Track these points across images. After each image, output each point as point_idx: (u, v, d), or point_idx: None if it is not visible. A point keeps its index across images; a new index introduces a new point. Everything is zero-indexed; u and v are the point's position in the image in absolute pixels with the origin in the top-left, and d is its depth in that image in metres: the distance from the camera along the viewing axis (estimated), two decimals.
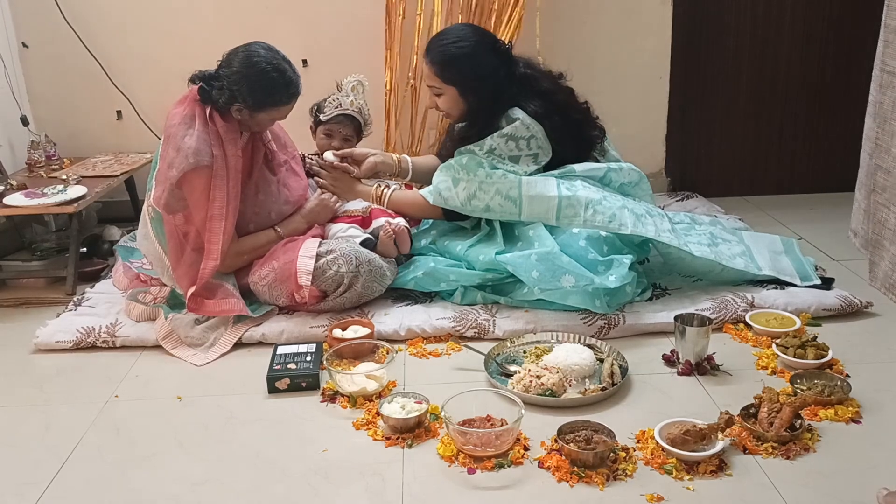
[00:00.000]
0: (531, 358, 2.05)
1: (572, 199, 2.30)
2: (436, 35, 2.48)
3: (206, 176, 2.19)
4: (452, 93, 2.39)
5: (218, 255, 2.21)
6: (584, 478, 1.57)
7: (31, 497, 1.61)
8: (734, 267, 2.37)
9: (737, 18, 3.39)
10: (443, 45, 2.37)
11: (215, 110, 2.22)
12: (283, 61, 2.24)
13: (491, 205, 2.36)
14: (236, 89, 2.18)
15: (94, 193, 2.78)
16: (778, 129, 3.53)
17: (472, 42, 2.36)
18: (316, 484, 1.61)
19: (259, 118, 2.26)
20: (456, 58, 2.34)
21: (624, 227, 2.28)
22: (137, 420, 1.89)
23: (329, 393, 1.94)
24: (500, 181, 2.34)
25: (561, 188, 2.33)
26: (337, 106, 2.60)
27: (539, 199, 2.32)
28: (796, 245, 2.65)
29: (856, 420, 1.75)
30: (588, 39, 3.29)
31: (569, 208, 2.30)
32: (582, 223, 2.29)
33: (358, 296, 2.30)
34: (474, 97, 2.39)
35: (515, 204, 2.34)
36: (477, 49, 2.36)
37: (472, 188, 2.36)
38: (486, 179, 2.35)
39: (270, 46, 2.26)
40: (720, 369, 1.99)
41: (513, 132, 2.35)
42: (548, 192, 2.32)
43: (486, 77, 2.35)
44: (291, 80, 2.24)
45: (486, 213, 2.39)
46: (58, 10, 3.19)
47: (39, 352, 2.25)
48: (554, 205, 2.31)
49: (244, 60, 2.20)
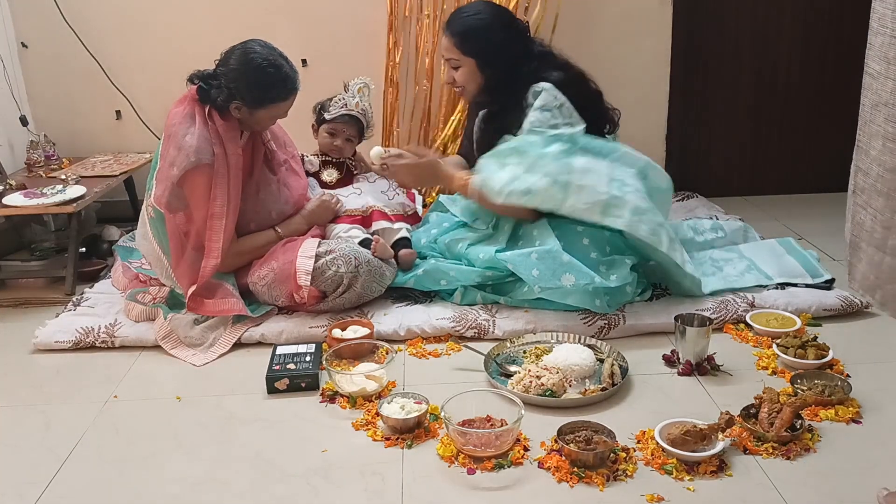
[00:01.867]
0: (531, 358, 2.05)
1: (621, 199, 2.21)
2: (456, 9, 2.51)
3: (207, 174, 2.20)
4: (471, 65, 2.38)
5: (219, 253, 2.21)
6: (584, 478, 1.57)
7: (30, 497, 1.61)
8: (745, 285, 2.36)
9: (737, 18, 3.39)
10: (462, 17, 2.40)
11: (214, 109, 2.22)
12: (279, 57, 2.24)
13: (534, 187, 2.22)
14: (234, 87, 2.18)
15: (94, 193, 2.78)
16: (778, 129, 3.53)
17: (490, 14, 2.40)
18: (316, 484, 1.61)
19: (258, 116, 2.26)
20: (475, 29, 2.36)
21: (661, 244, 2.25)
22: (137, 420, 1.89)
23: (328, 393, 1.94)
24: (552, 163, 2.22)
25: (612, 186, 2.23)
26: (343, 106, 2.59)
27: (588, 190, 2.21)
28: (794, 242, 2.64)
29: (856, 420, 1.75)
30: (588, 39, 3.28)
31: (616, 208, 2.21)
32: (625, 224, 2.20)
33: (357, 296, 2.30)
34: (492, 70, 2.37)
35: (564, 190, 2.21)
36: (495, 22, 2.38)
37: (518, 170, 2.25)
38: (538, 161, 2.24)
39: (267, 43, 2.26)
40: (720, 369, 1.99)
41: (544, 103, 2.31)
42: (599, 186, 2.22)
43: (504, 49, 2.36)
44: (288, 76, 2.24)
45: (526, 196, 2.23)
46: (57, 10, 3.19)
47: (39, 352, 2.25)
48: (602, 200, 2.21)
49: (241, 58, 2.20)
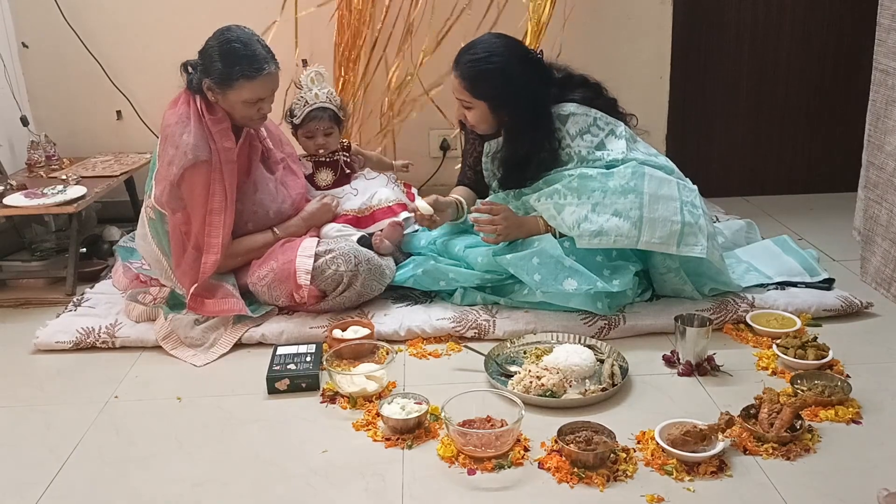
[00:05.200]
0: (531, 358, 2.05)
1: (694, 226, 2.16)
2: (464, 47, 2.33)
3: (205, 171, 2.20)
4: (483, 107, 2.29)
5: (219, 248, 2.22)
6: (585, 479, 1.57)
7: (30, 497, 1.61)
8: (748, 284, 2.36)
9: (737, 18, 3.39)
10: (473, 61, 2.26)
11: (201, 99, 2.23)
12: (252, 38, 2.23)
13: (605, 227, 2.15)
14: (205, 63, 2.21)
15: (94, 193, 2.78)
16: (778, 129, 3.53)
17: (503, 56, 2.26)
18: (316, 484, 1.61)
19: (230, 98, 2.22)
20: (488, 73, 2.24)
21: (729, 269, 2.27)
22: (137, 420, 1.89)
23: (329, 393, 1.94)
24: (618, 201, 2.16)
25: (684, 212, 2.16)
26: (304, 104, 2.55)
27: (661, 223, 2.15)
28: (790, 240, 2.64)
29: (856, 420, 1.75)
30: (588, 39, 3.28)
31: (691, 236, 2.15)
32: (702, 251, 2.14)
33: (357, 295, 2.30)
34: (507, 111, 2.29)
35: (635, 227, 2.14)
36: (509, 63, 2.25)
37: (582, 211, 2.17)
38: (601, 200, 2.17)
39: (247, 28, 2.26)
40: (720, 370, 1.99)
41: (580, 127, 2.29)
42: (671, 216, 2.15)
43: (519, 90, 2.25)
44: (255, 55, 2.20)
45: (597, 238, 2.15)
46: (58, 10, 3.19)
47: (39, 352, 2.25)
48: (677, 230, 2.14)
49: (216, 36, 2.23)
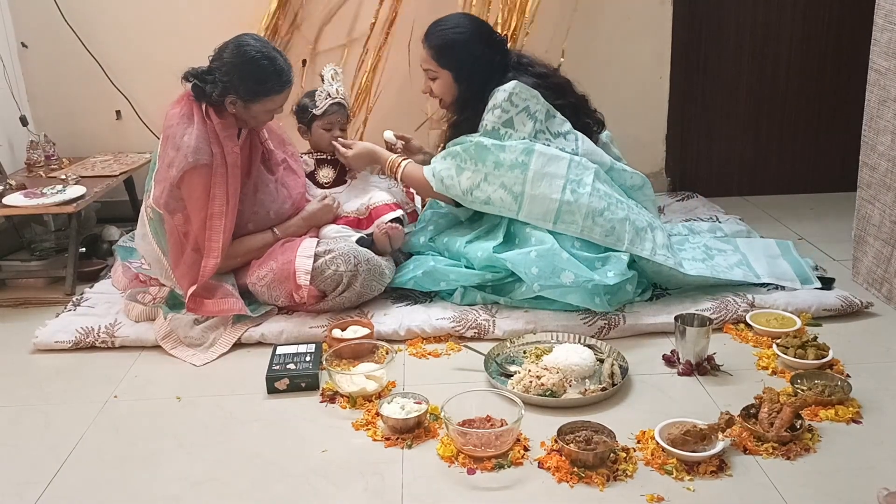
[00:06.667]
0: (531, 358, 2.05)
1: (573, 205, 2.27)
2: (435, 21, 2.50)
3: (205, 174, 2.19)
4: (447, 77, 2.43)
5: (219, 252, 2.21)
6: (585, 478, 1.57)
7: (30, 497, 1.61)
8: (732, 278, 2.37)
9: (737, 18, 3.39)
10: (441, 30, 2.42)
11: (210, 106, 2.22)
12: (273, 50, 2.23)
13: (492, 198, 2.33)
14: (228, 80, 2.18)
15: (94, 193, 2.78)
16: (778, 128, 3.53)
17: (469, 29, 2.42)
18: (316, 484, 1.61)
19: (253, 110, 2.24)
20: (453, 42, 2.40)
21: (620, 243, 2.27)
22: (137, 420, 1.89)
23: (328, 393, 1.94)
24: (506, 174, 2.31)
25: (566, 191, 2.29)
26: (327, 96, 2.57)
27: (540, 200, 2.29)
28: (792, 247, 2.64)
29: (856, 420, 1.75)
30: (588, 39, 3.28)
31: (568, 214, 2.27)
32: (578, 231, 2.27)
33: (357, 295, 2.30)
34: (466, 84, 2.42)
35: (516, 201, 2.31)
36: (473, 36, 2.41)
37: (476, 179, 2.34)
38: (493, 171, 2.32)
39: (260, 37, 2.26)
40: (720, 369, 1.99)
41: (496, 102, 2.36)
42: (551, 193, 2.29)
43: (480, 63, 2.39)
44: (282, 69, 2.23)
45: (486, 205, 2.36)
46: (57, 10, 3.19)
47: (39, 352, 2.25)
48: (554, 208, 2.28)
49: (234, 51, 2.20)
